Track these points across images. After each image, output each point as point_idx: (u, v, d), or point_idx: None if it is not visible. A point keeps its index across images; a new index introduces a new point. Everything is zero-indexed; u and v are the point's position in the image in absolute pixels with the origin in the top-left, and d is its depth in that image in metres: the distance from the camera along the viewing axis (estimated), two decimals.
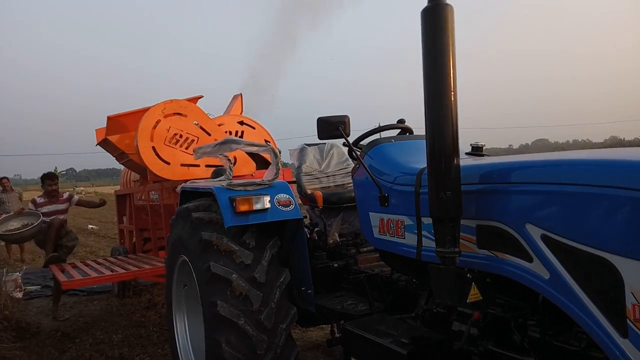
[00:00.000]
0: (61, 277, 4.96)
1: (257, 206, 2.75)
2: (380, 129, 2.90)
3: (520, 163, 1.90)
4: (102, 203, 6.92)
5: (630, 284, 1.37)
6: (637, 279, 1.36)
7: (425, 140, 1.90)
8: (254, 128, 5.60)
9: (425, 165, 2.10)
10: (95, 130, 5.93)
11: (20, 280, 7.03)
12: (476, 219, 1.92)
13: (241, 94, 6.59)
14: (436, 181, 1.83)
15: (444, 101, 1.80)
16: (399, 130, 2.98)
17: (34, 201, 6.31)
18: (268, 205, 2.78)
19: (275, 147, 5.90)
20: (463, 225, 1.93)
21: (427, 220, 2.13)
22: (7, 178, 10.74)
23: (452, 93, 1.82)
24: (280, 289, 2.71)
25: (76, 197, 6.81)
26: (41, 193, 6.39)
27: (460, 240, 1.90)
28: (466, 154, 2.70)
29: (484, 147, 2.69)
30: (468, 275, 1.84)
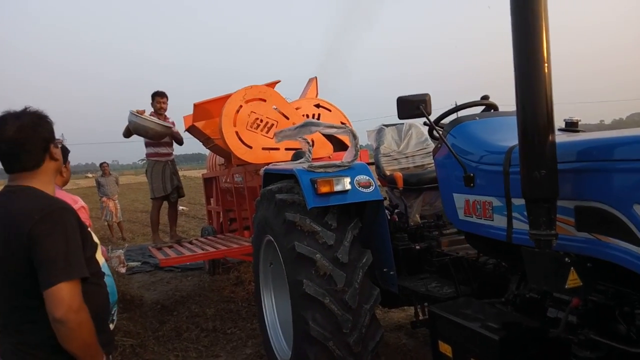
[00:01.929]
0: (159, 256, 5.38)
1: (338, 187, 2.77)
2: (462, 107, 2.78)
3: (625, 138, 1.73)
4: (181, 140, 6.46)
5: None
6: None
7: (515, 116, 1.79)
8: (330, 110, 5.61)
9: (515, 143, 1.98)
10: (183, 117, 6.26)
11: (123, 257, 7.71)
12: (575, 200, 1.79)
13: (316, 77, 6.62)
14: (529, 159, 1.72)
15: (536, 73, 1.68)
16: (483, 107, 2.84)
17: (138, 111, 5.90)
18: (348, 186, 2.79)
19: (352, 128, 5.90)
20: (559, 206, 1.81)
21: (518, 202, 2.02)
22: (106, 163, 11.77)
23: (546, 65, 1.69)
24: (362, 269, 2.73)
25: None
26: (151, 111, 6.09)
27: (557, 222, 1.79)
28: (559, 130, 2.51)
29: (579, 123, 2.48)
30: (566, 259, 1.73)
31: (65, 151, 2.78)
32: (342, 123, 5.63)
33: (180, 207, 17.17)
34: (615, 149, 1.68)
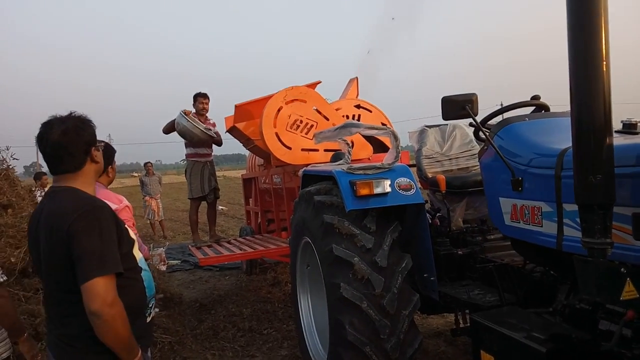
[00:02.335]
0: (198, 255, 5.48)
1: (378, 190, 2.72)
2: (511, 107, 2.67)
3: None
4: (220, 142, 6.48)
5: None
6: None
7: (568, 117, 1.70)
8: (370, 111, 5.55)
9: (568, 146, 1.89)
10: (225, 118, 6.35)
11: (164, 255, 7.91)
12: (633, 206, 1.68)
13: (357, 78, 6.56)
14: (584, 163, 1.63)
15: (593, 71, 1.59)
16: (533, 108, 2.72)
17: (185, 112, 5.95)
18: (388, 189, 2.74)
19: (393, 129, 5.81)
20: (616, 213, 1.70)
21: (570, 207, 1.92)
22: (150, 163, 12.13)
23: (604, 63, 1.60)
24: (402, 274, 2.67)
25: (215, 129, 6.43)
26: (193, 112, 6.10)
27: (613, 230, 1.68)
28: (616, 132, 2.37)
29: (638, 124, 2.33)
30: (622, 269, 1.62)
31: (111, 151, 2.87)
32: (383, 124, 5.57)
33: (220, 207, 17.52)
34: None
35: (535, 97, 2.72)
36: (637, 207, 1.67)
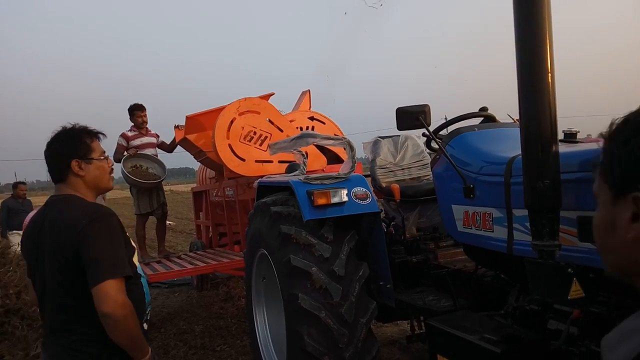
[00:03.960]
0: (148, 271, 5.27)
1: (335, 199, 2.74)
2: (461, 118, 2.79)
3: None
4: (173, 148, 6.41)
5: None
6: None
7: (514, 127, 1.80)
8: (324, 123, 5.62)
9: (516, 154, 1.98)
10: (174, 129, 6.21)
11: None
12: (577, 210, 1.79)
13: (309, 90, 6.64)
14: (533, 170, 1.72)
15: (540, 83, 1.69)
16: (481, 119, 2.85)
17: (124, 135, 5.92)
18: (345, 198, 2.76)
19: None
20: (562, 217, 1.81)
21: (519, 212, 2.01)
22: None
23: (549, 75, 1.70)
24: (359, 282, 2.69)
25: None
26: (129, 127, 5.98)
27: (560, 232, 1.78)
28: (559, 140, 2.52)
29: (578, 134, 2.50)
30: (569, 270, 1.72)
31: None
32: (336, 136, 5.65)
33: (168, 222, 17.01)
34: None
35: (483, 109, 2.85)
36: (581, 210, 1.77)
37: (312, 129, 5.50)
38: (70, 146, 1.83)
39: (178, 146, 6.08)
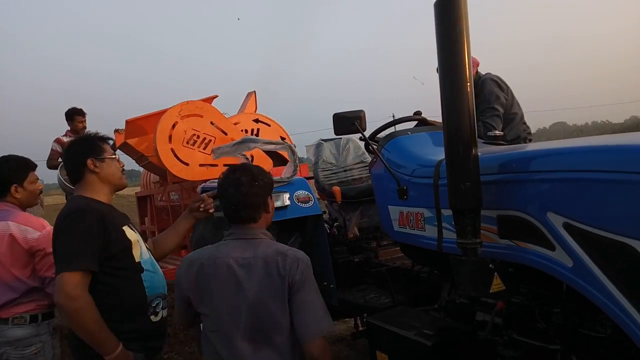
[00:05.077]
0: None
1: (277, 204, 2.78)
2: (395, 122, 2.90)
3: (539, 151, 1.89)
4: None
5: None
6: None
7: (442, 132, 1.91)
8: (269, 125, 5.63)
9: (444, 157, 2.10)
10: (115, 132, 6.02)
11: None
12: (497, 209, 1.92)
13: (255, 92, 6.62)
14: (455, 172, 1.83)
15: (460, 92, 1.80)
16: (416, 122, 2.98)
17: (59, 141, 5.62)
18: (288, 202, 2.82)
19: (291, 143, 5.95)
20: (484, 215, 1.93)
21: (447, 212, 2.13)
22: None
23: (468, 84, 1.82)
24: None
25: None
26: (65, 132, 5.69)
27: (482, 230, 1.91)
28: (483, 143, 2.69)
29: (501, 136, 2.67)
30: (490, 265, 1.85)
31: (12, 167, 2.48)
32: (282, 138, 5.67)
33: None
34: (531, 161, 1.84)
35: (417, 113, 2.99)
36: (500, 209, 1.91)
37: (258, 131, 5.51)
38: (85, 147, 2.05)
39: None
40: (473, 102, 1.83)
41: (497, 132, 2.65)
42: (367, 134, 2.73)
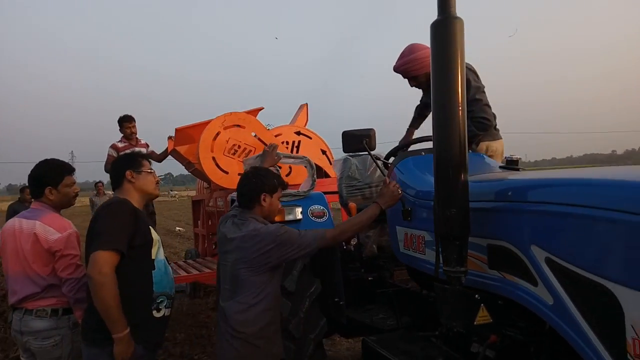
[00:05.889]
0: None
1: (289, 217, 2.84)
2: (413, 142, 2.86)
3: (529, 181, 1.80)
4: (163, 157, 6.52)
5: (631, 316, 1.26)
6: (637, 311, 1.24)
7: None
8: (310, 138, 5.71)
9: None
10: (168, 139, 6.37)
11: None
12: (488, 238, 1.85)
13: (306, 104, 6.73)
14: (442, 198, 1.79)
15: (452, 117, 1.76)
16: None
17: (114, 146, 6.03)
18: (300, 216, 2.86)
19: (332, 157, 5.98)
20: (476, 244, 1.87)
21: None
22: (102, 182, 11.81)
23: (460, 108, 1.77)
24: (310, 299, 2.77)
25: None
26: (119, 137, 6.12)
27: (472, 259, 1.84)
28: (500, 167, 2.57)
29: (519, 161, 2.54)
30: (476, 296, 1.78)
31: (46, 170, 2.58)
32: (322, 150, 5.73)
33: (177, 228, 17.24)
34: (521, 190, 1.75)
35: None
36: (490, 238, 1.83)
37: (299, 143, 5.60)
38: (127, 161, 2.41)
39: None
40: (465, 127, 1.78)
41: (515, 157, 2.52)
42: (385, 151, 2.70)
